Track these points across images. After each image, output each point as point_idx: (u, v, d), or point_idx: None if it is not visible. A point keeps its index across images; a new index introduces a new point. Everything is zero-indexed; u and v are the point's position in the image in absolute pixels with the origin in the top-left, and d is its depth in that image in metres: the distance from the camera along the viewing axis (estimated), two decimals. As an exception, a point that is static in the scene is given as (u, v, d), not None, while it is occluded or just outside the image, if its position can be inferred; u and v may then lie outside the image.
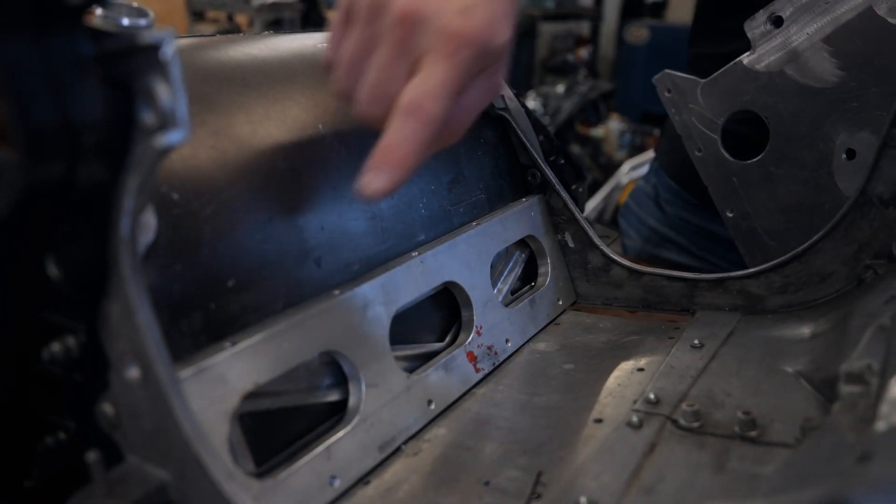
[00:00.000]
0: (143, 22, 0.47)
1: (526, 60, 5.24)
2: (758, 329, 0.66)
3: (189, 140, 0.48)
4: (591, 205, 2.40)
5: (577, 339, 0.69)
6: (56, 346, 0.40)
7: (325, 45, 0.51)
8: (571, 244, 0.76)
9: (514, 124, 0.75)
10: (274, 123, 0.54)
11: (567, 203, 0.75)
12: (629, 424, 0.53)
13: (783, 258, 0.67)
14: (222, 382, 0.43)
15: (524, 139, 0.76)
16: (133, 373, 0.38)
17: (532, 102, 3.94)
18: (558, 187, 0.76)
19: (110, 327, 0.38)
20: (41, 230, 0.36)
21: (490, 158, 0.74)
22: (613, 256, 0.74)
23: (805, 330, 0.63)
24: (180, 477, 0.39)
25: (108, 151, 0.35)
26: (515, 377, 0.63)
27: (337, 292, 0.52)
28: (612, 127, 4.25)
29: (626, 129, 4.21)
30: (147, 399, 0.38)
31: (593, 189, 2.43)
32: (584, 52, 5.26)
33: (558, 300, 0.75)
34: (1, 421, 0.42)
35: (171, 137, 0.34)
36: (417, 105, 0.44)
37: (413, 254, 0.59)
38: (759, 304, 0.69)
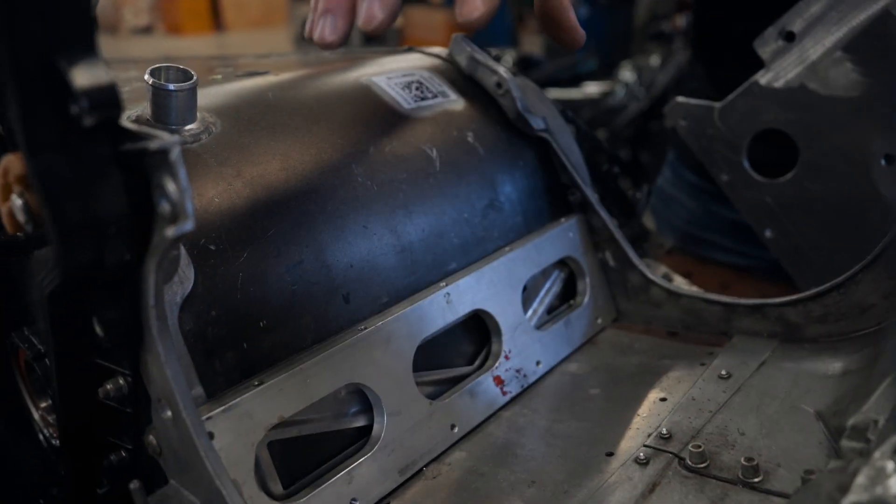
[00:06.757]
0: (186, 85, 0.52)
1: (623, 27, 5.08)
2: (791, 360, 0.63)
3: (225, 192, 0.52)
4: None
5: (610, 360, 0.69)
6: (109, 385, 0.46)
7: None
8: (612, 263, 0.77)
9: (554, 145, 0.76)
10: (308, 168, 0.57)
11: (607, 223, 0.76)
12: (637, 461, 0.53)
13: (822, 287, 0.64)
14: (248, 418, 0.47)
15: (564, 159, 0.76)
16: (167, 413, 0.43)
17: (627, 74, 3.81)
18: (597, 206, 0.76)
19: (147, 373, 0.44)
20: (84, 299, 0.42)
21: (529, 180, 0.74)
22: (651, 277, 0.74)
23: (838, 364, 0.60)
24: (207, 503, 0.44)
25: (131, 237, 0.39)
26: (542, 401, 0.63)
27: (362, 328, 0.55)
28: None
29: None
30: (178, 437, 0.43)
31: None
32: (681, 21, 5.04)
33: (597, 319, 0.75)
34: (75, 442, 0.49)
35: (180, 229, 0.37)
36: None
37: (441, 285, 0.61)
38: (798, 333, 0.66)
